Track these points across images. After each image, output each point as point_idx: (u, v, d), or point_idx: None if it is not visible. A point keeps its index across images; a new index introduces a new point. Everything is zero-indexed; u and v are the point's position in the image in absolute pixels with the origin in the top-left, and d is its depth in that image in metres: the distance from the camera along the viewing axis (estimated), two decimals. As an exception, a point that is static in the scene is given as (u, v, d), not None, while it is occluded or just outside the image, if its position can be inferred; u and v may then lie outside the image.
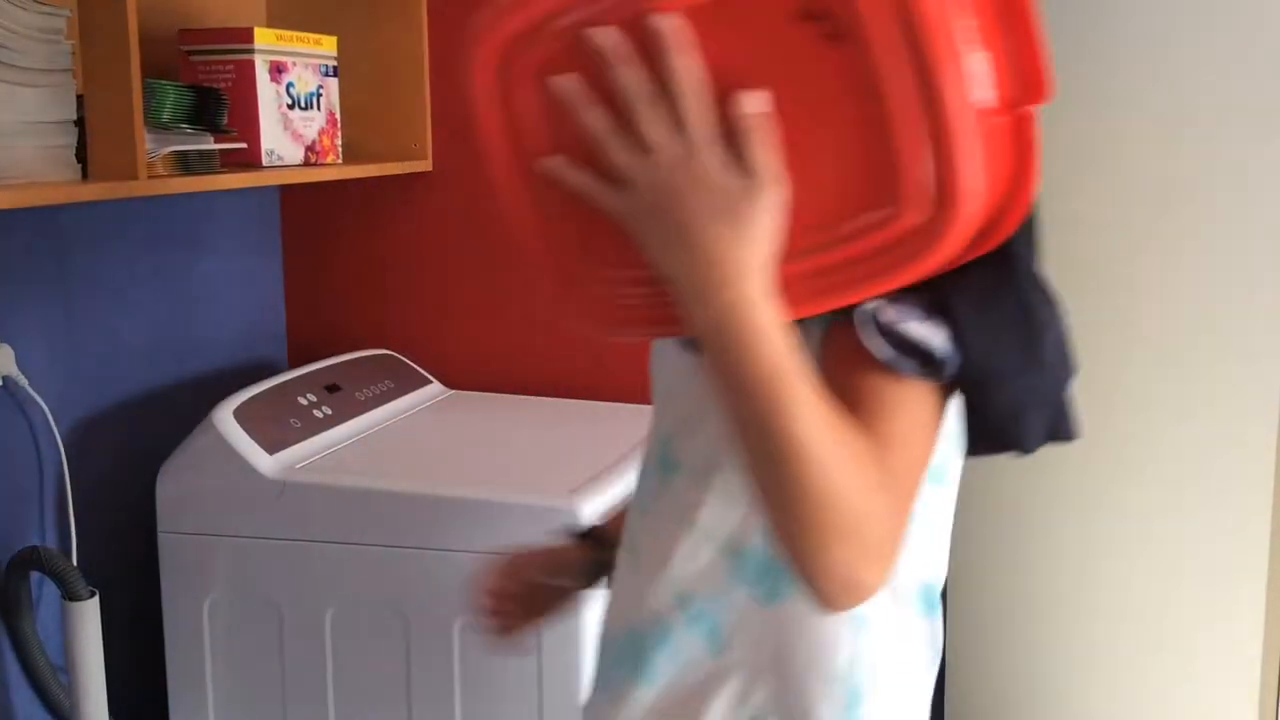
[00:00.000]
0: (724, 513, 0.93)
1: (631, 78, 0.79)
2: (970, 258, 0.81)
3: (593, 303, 0.88)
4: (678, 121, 0.79)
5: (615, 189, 0.81)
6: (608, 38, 0.78)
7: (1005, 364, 0.85)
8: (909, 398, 0.84)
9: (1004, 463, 1.03)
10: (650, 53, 0.78)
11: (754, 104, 0.78)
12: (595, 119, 0.80)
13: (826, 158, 0.78)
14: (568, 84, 0.80)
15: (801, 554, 0.80)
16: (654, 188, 0.80)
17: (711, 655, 0.95)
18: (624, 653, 1.00)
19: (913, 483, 0.85)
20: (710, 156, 0.79)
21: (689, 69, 0.78)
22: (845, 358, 0.84)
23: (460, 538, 1.64)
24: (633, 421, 2.03)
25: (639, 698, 0.98)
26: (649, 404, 1.13)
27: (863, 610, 0.86)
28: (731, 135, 0.78)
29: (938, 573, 0.98)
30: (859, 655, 0.93)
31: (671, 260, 0.81)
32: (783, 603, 0.92)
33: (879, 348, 0.83)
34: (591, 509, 1.61)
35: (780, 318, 0.80)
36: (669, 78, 0.78)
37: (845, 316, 0.83)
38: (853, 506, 0.79)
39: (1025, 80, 0.78)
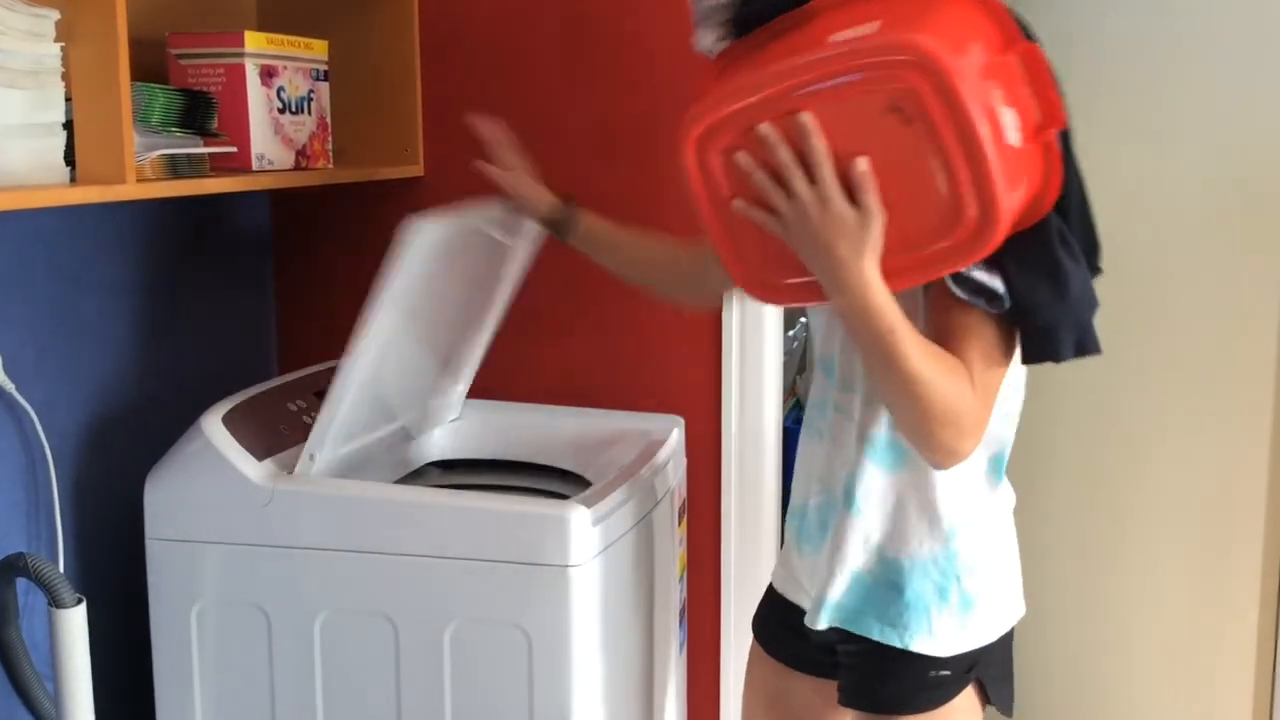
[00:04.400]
0: (866, 410, 1.42)
1: (785, 153, 1.23)
2: (1016, 232, 1.26)
3: (771, 289, 1.35)
4: (814, 179, 1.22)
5: (780, 222, 1.26)
6: (768, 130, 1.23)
7: (1039, 299, 1.28)
8: (983, 325, 1.30)
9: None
10: (796, 136, 1.22)
11: (862, 165, 1.21)
12: (761, 180, 1.25)
13: (909, 196, 1.21)
14: (744, 158, 1.25)
15: (918, 437, 1.30)
16: (801, 223, 1.24)
17: (855, 516, 1.44)
18: (821, 518, 1.50)
19: (993, 385, 1.31)
20: (838, 200, 1.22)
21: (820, 145, 1.22)
22: (941, 303, 1.31)
23: (450, 545, 1.63)
24: (628, 429, 2.03)
25: (814, 553, 1.51)
26: (643, 410, 1.79)
27: (954, 471, 1.36)
28: (849, 186, 1.22)
29: (1002, 448, 1.46)
30: (956, 502, 1.42)
31: (818, 267, 1.26)
32: (904, 470, 1.42)
33: (959, 291, 1.28)
34: (584, 519, 1.60)
35: (887, 294, 1.25)
36: (808, 151, 1.22)
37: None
38: (949, 405, 1.26)
39: (1046, 115, 1.20)
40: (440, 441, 2.09)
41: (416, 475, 2.04)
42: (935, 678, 1.44)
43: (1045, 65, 1.20)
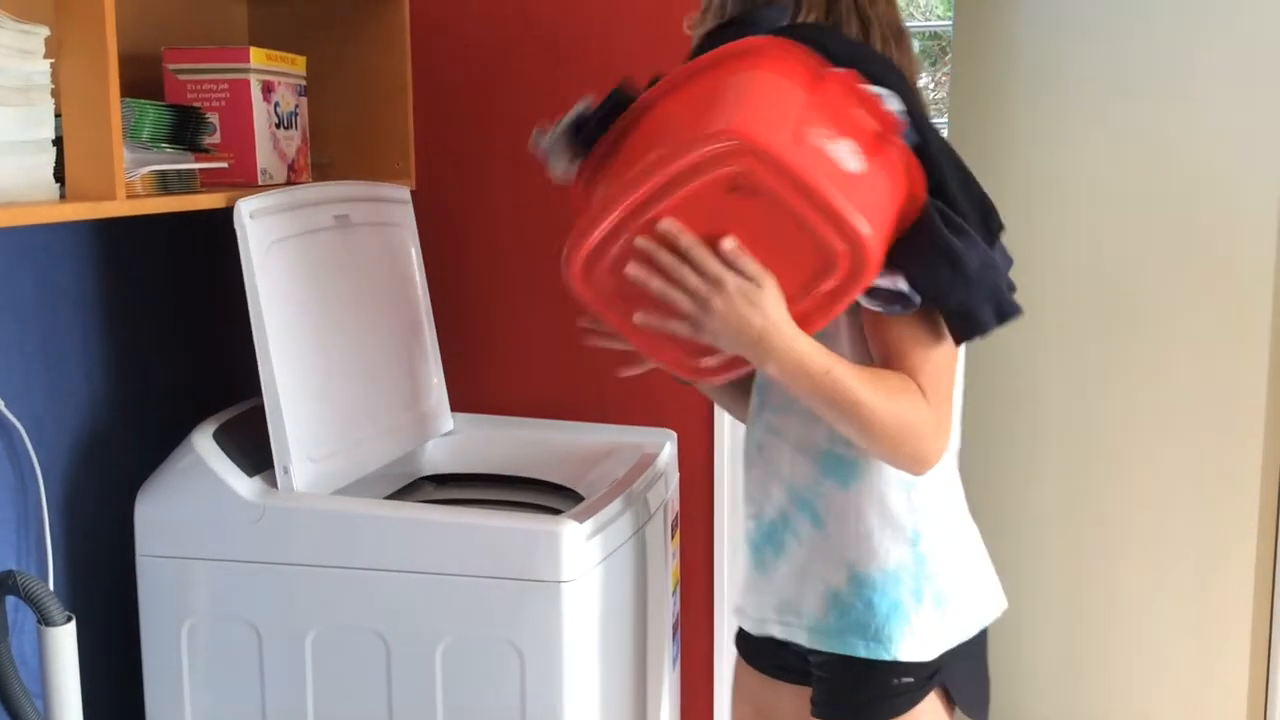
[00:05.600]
0: (805, 429, 1.45)
1: (666, 257, 1.30)
2: (903, 233, 1.32)
3: (702, 372, 1.41)
4: (699, 271, 1.29)
5: (685, 320, 1.32)
6: (644, 242, 1.30)
7: (943, 285, 1.33)
8: (913, 327, 1.35)
9: (993, 466, 1.48)
10: (667, 240, 1.30)
11: (728, 243, 1.29)
12: (658, 286, 1.31)
13: (784, 252, 1.29)
14: (635, 270, 1.31)
15: (884, 455, 1.37)
16: (707, 312, 1.30)
17: (816, 529, 1.46)
18: (765, 538, 1.52)
19: (946, 382, 1.36)
20: (729, 279, 1.29)
21: (689, 241, 1.29)
22: (870, 324, 1.37)
23: (442, 561, 1.62)
24: (620, 443, 2.02)
25: (779, 566, 1.51)
26: (636, 424, 1.81)
27: (909, 476, 1.41)
28: (730, 264, 1.29)
29: (955, 442, 1.46)
30: (914, 506, 1.44)
31: (735, 344, 1.32)
32: (857, 483, 1.44)
33: (873, 305, 1.33)
34: (576, 534, 1.60)
35: (809, 339, 1.32)
36: (683, 249, 1.29)
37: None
38: (904, 420, 1.33)
39: (883, 125, 1.30)
40: (434, 456, 2.09)
41: (410, 489, 2.03)
42: (898, 685, 1.46)
43: (858, 82, 1.31)
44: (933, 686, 1.46)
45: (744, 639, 1.68)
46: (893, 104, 1.31)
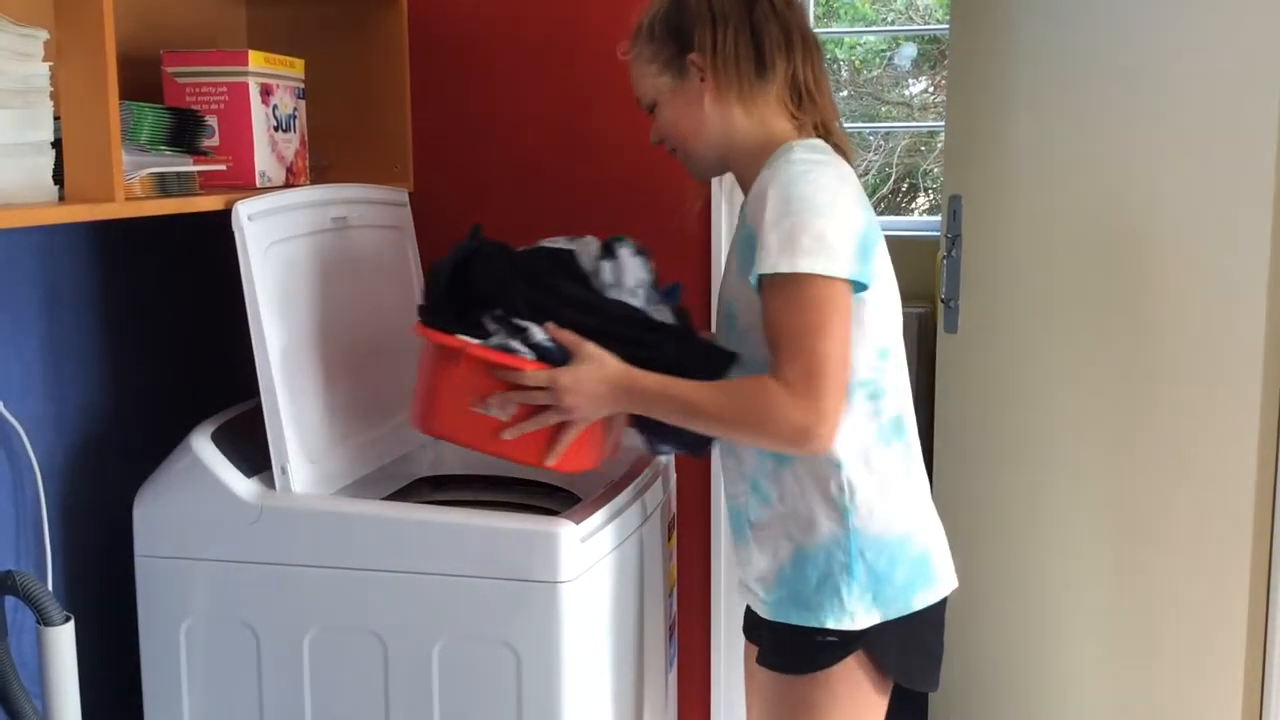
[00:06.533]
0: None
1: (506, 404, 1.57)
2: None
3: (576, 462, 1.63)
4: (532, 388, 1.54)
5: (566, 424, 1.57)
6: (486, 409, 1.58)
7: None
8: (773, 313, 1.47)
9: (986, 474, 1.47)
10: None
11: (552, 326, 1.56)
12: (525, 421, 1.57)
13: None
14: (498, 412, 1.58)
15: (753, 443, 1.54)
16: (568, 409, 1.54)
17: (767, 508, 1.58)
18: (734, 523, 1.65)
19: (816, 364, 1.43)
20: (557, 376, 1.53)
21: (514, 378, 1.55)
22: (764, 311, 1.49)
23: (439, 561, 1.63)
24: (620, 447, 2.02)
25: (746, 545, 1.63)
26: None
27: (840, 456, 1.51)
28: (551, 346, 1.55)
29: (896, 412, 1.57)
30: (842, 484, 1.53)
31: (603, 410, 1.56)
32: (792, 463, 1.54)
33: (665, 446, 1.74)
34: (573, 535, 1.60)
35: (645, 373, 1.53)
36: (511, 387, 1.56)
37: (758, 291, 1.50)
38: (747, 408, 1.47)
39: (520, 366, 1.55)
40: (431, 457, 2.09)
41: (408, 490, 2.03)
42: (820, 643, 1.53)
43: (487, 353, 1.55)
44: (854, 650, 1.52)
45: (745, 617, 1.75)
46: (535, 335, 1.55)
